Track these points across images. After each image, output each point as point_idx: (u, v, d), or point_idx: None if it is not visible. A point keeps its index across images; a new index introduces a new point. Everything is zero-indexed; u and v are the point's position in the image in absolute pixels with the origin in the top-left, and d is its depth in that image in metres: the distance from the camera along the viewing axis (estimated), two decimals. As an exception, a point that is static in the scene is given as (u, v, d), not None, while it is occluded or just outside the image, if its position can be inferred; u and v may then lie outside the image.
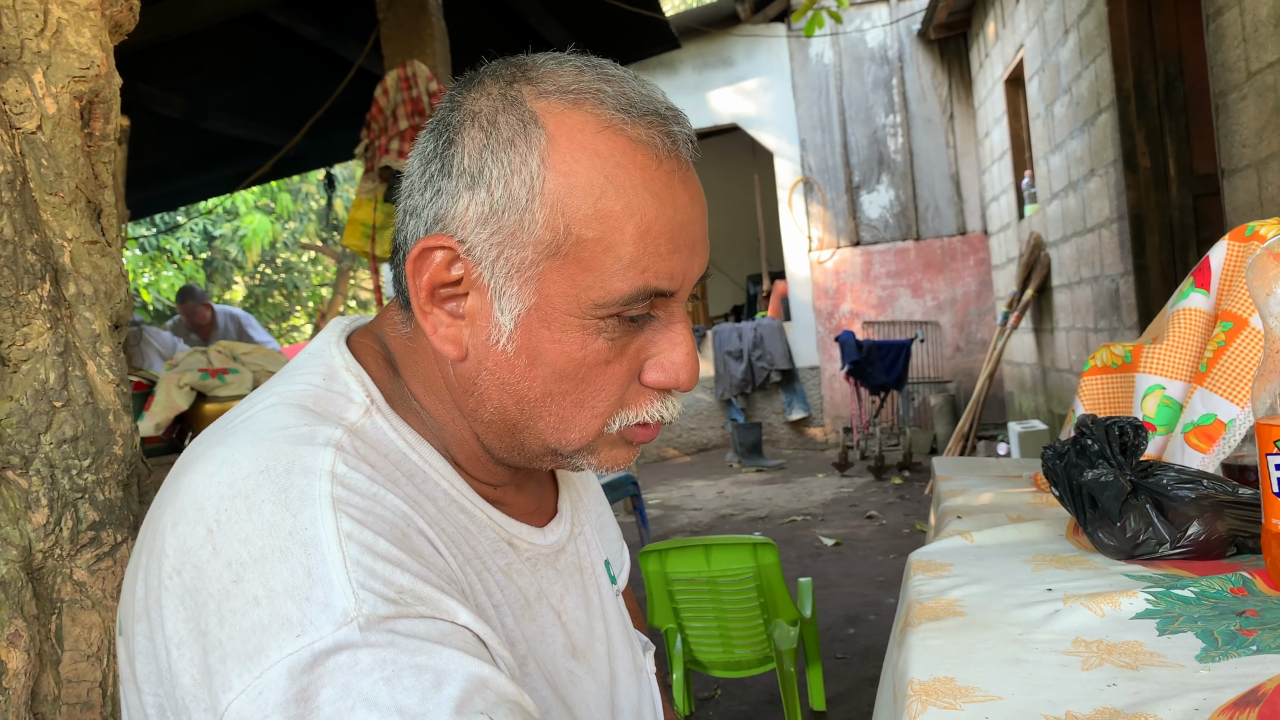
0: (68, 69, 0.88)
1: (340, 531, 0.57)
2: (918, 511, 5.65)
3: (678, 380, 0.70)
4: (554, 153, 0.64)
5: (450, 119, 0.68)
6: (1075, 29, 4.88)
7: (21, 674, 0.76)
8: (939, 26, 8.00)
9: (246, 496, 0.58)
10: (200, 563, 0.56)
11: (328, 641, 0.53)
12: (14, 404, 0.81)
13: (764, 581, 2.53)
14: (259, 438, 0.62)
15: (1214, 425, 1.23)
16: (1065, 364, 5.79)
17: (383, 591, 0.56)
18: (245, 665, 0.53)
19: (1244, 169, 2.84)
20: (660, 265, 0.65)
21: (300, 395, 0.66)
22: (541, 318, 0.65)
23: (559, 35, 5.05)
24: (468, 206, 0.65)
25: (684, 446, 9.15)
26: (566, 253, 0.64)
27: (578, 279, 0.65)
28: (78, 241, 0.89)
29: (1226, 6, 2.85)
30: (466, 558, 0.68)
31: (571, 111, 0.65)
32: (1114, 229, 4.55)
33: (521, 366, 0.67)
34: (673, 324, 0.70)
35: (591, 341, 0.66)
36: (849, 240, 8.70)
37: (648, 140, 0.66)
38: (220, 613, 0.55)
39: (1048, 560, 1.14)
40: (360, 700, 0.52)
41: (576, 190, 0.64)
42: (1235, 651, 0.81)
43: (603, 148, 0.64)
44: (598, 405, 0.68)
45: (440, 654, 0.55)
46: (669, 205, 0.66)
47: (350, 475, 0.60)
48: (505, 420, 0.69)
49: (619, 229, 0.64)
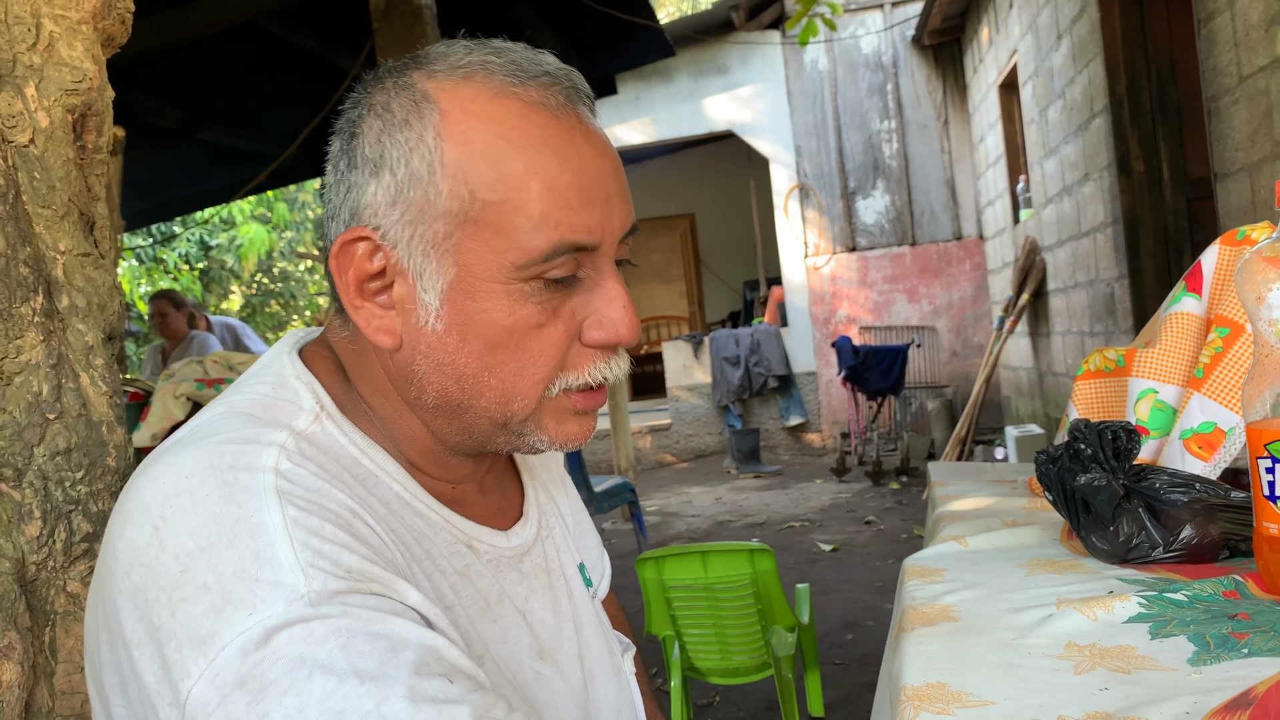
0: (60, 82, 0.88)
1: (286, 517, 0.57)
2: (915, 517, 5.65)
3: (618, 335, 0.69)
4: (448, 125, 0.65)
5: (350, 116, 0.69)
6: (1068, 34, 4.89)
7: (15, 686, 0.76)
8: (933, 32, 8.03)
9: (191, 492, 0.58)
10: (148, 560, 0.57)
11: (279, 617, 0.53)
12: (7, 416, 0.81)
13: (761, 588, 2.53)
14: (204, 441, 0.62)
15: (1214, 433, 1.23)
16: (1061, 368, 5.80)
17: (331, 569, 0.56)
18: (199, 650, 0.53)
19: (1237, 173, 2.85)
20: (574, 219, 0.65)
21: (248, 404, 0.67)
22: (465, 289, 0.65)
23: (554, 44, 5.06)
24: (375, 193, 0.66)
25: (681, 453, 9.15)
26: (476, 218, 0.64)
27: (493, 243, 0.65)
28: (70, 254, 0.89)
29: (1218, 11, 2.87)
30: (416, 558, 0.67)
31: (463, 85, 0.66)
32: (1108, 233, 4.56)
33: (454, 344, 0.66)
34: (604, 281, 0.69)
35: (519, 307, 0.66)
36: (845, 246, 8.72)
37: (541, 100, 0.66)
38: (171, 604, 0.55)
39: (1042, 565, 1.14)
40: (316, 667, 0.52)
41: (476, 156, 0.64)
42: (1227, 655, 0.81)
43: (497, 113, 0.65)
44: (537, 371, 0.67)
45: (394, 623, 0.56)
46: (573, 159, 0.66)
47: (294, 471, 0.61)
48: (449, 403, 0.69)
49: (524, 188, 0.64)
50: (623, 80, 7.29)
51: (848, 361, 7.19)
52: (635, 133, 9.08)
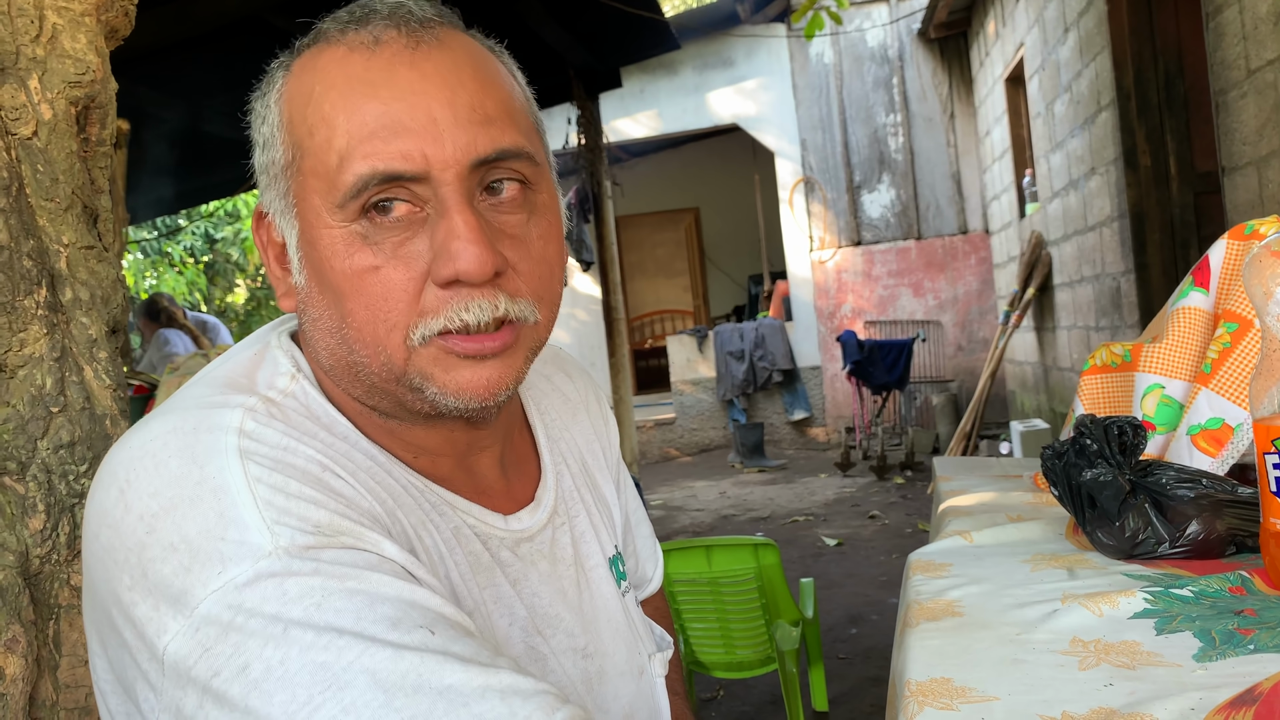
0: (63, 75, 0.88)
1: (249, 476, 0.57)
2: (920, 511, 5.65)
3: (455, 267, 0.62)
4: (286, 89, 0.67)
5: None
6: (1075, 27, 4.87)
7: (19, 679, 0.76)
8: (939, 26, 8.00)
9: (154, 455, 0.59)
10: (114, 521, 0.58)
11: (249, 573, 0.54)
12: (10, 410, 0.81)
13: (766, 582, 2.53)
14: (172, 408, 0.63)
15: (1222, 429, 1.22)
16: (1067, 363, 5.79)
17: (299, 525, 0.56)
18: (175, 608, 0.54)
19: (1244, 167, 2.84)
20: (388, 148, 0.62)
21: (224, 373, 0.68)
22: (309, 240, 0.66)
23: (560, 37, 5.05)
24: (258, 171, 0.70)
25: (686, 447, 9.15)
26: (299, 165, 0.66)
27: (314, 185, 0.65)
28: (74, 247, 0.89)
29: (1226, 4, 2.85)
30: (405, 508, 0.66)
31: (312, 52, 0.67)
32: (1115, 227, 4.55)
33: (315, 296, 0.67)
34: (446, 214, 0.64)
35: (353, 250, 0.64)
36: (850, 240, 8.70)
37: (362, 40, 0.65)
38: (141, 564, 0.56)
39: (1047, 560, 1.14)
40: (293, 623, 0.52)
41: (296, 107, 0.66)
42: (1233, 651, 0.81)
43: (320, 62, 0.66)
44: (390, 315, 0.64)
45: (370, 577, 0.55)
46: (386, 88, 0.63)
47: (259, 430, 0.61)
48: (341, 364, 0.68)
49: (333, 125, 0.64)
50: (628, 73, 7.28)
51: (852, 356, 7.18)
52: (640, 126, 9.06)
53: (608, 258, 6.36)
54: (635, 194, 10.26)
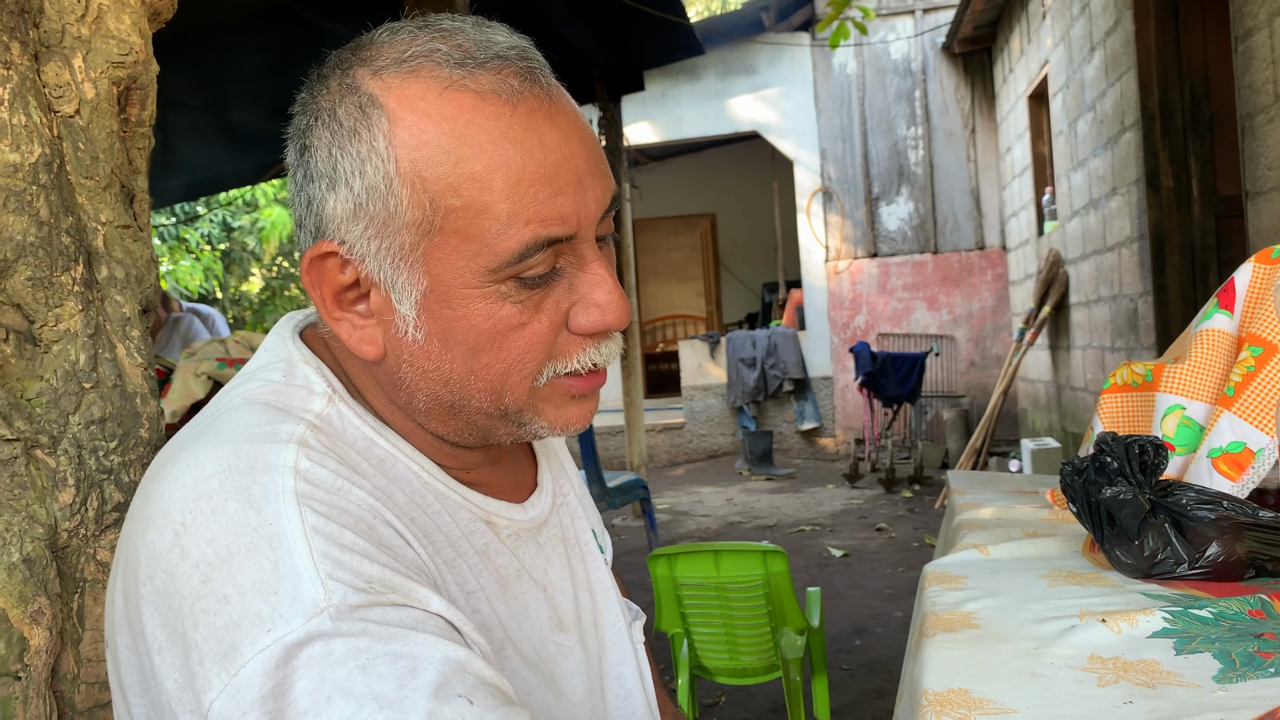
0: (107, 54, 0.89)
1: (305, 525, 0.56)
2: (927, 525, 5.63)
3: (605, 321, 0.65)
4: (398, 129, 0.62)
5: (300, 125, 0.67)
6: (1101, 46, 4.86)
7: (43, 651, 0.77)
8: (963, 40, 7.99)
9: (210, 497, 0.58)
10: (170, 566, 0.57)
11: (299, 634, 0.53)
12: (44, 384, 0.82)
13: (773, 589, 2.52)
14: (222, 439, 0.62)
15: (1243, 454, 1.22)
16: (1081, 382, 5.77)
17: (352, 581, 0.55)
18: (222, 664, 0.53)
19: (1269, 192, 2.83)
20: (545, 212, 0.62)
21: (263, 393, 0.66)
22: (440, 298, 0.63)
23: (583, 38, 5.06)
24: (335, 207, 0.64)
25: (694, 452, 9.14)
26: (440, 226, 0.62)
27: (462, 249, 0.62)
28: (111, 225, 0.89)
29: (1256, 28, 2.84)
30: (438, 546, 0.67)
31: (410, 81, 0.62)
32: (1134, 248, 4.53)
33: (437, 351, 0.65)
34: (587, 266, 0.65)
35: (498, 309, 0.63)
36: (866, 251, 8.69)
37: (495, 87, 0.62)
38: (194, 614, 0.55)
39: (1063, 576, 1.14)
40: (336, 690, 0.52)
41: (432, 161, 0.61)
42: (1253, 673, 0.81)
43: (448, 110, 0.61)
44: (525, 366, 0.65)
45: (415, 639, 0.55)
46: (536, 149, 0.62)
47: (314, 470, 0.60)
48: (441, 406, 0.67)
49: (487, 188, 0.61)
50: (650, 77, 7.29)
51: (865, 367, 7.17)
52: (660, 130, 9.07)
53: (623, 261, 6.36)
54: (652, 198, 10.27)
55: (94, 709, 0.83)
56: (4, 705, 0.74)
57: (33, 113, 0.81)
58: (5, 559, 0.75)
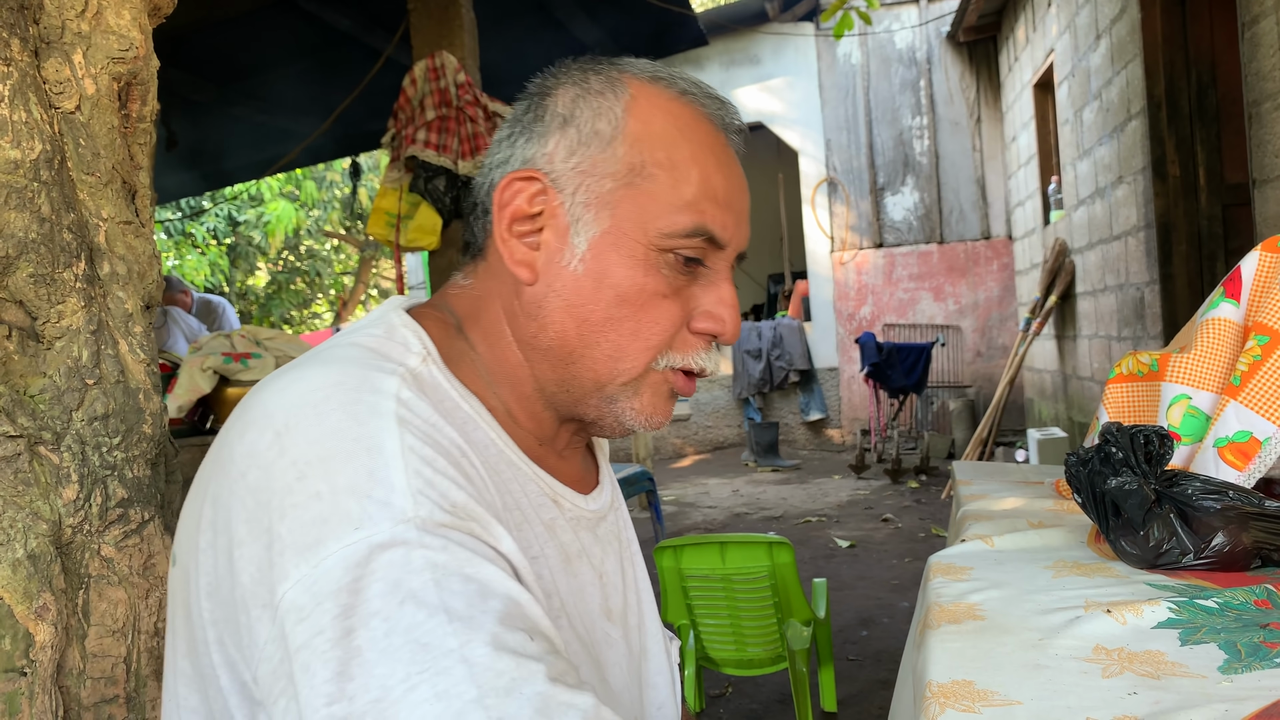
0: (107, 50, 0.89)
1: (404, 443, 0.60)
2: (934, 516, 5.63)
3: (723, 329, 0.76)
4: (635, 105, 0.74)
5: (544, 83, 0.77)
6: (1107, 34, 4.83)
7: (49, 647, 0.77)
8: (968, 29, 7.95)
9: (316, 405, 0.61)
10: (266, 463, 0.59)
11: (384, 536, 0.55)
12: (47, 380, 0.82)
13: (779, 581, 2.52)
14: (331, 362, 0.65)
15: (1250, 443, 1.21)
16: (1087, 372, 5.75)
17: (439, 501, 0.58)
18: (303, 556, 0.55)
19: (1276, 179, 2.81)
20: (716, 213, 0.74)
21: (365, 340, 0.70)
22: (613, 241, 0.72)
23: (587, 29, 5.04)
24: (557, 143, 0.74)
25: (700, 444, 9.15)
26: (639, 184, 0.72)
27: (648, 208, 0.72)
28: (113, 221, 0.89)
29: (1263, 15, 2.82)
30: (508, 505, 0.70)
31: (650, 84, 0.76)
32: (1140, 237, 4.51)
33: (589, 288, 0.72)
34: (720, 281, 0.76)
35: (651, 273, 0.72)
36: (872, 241, 8.67)
37: (710, 114, 0.77)
38: (282, 508, 0.57)
39: (1069, 567, 1.13)
40: (409, 596, 0.54)
41: (653, 136, 0.73)
42: (1259, 664, 0.80)
43: (675, 109, 0.75)
44: (651, 338, 0.73)
45: (486, 569, 0.57)
46: (726, 172, 0.75)
47: (414, 401, 0.64)
48: (564, 346, 0.73)
49: (686, 173, 0.73)
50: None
51: (871, 358, 7.16)
52: (664, 121, 9.04)
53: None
54: (657, 189, 10.23)
55: (99, 704, 0.83)
56: (10, 701, 0.75)
57: (33, 109, 0.81)
58: (10, 555, 0.75)
